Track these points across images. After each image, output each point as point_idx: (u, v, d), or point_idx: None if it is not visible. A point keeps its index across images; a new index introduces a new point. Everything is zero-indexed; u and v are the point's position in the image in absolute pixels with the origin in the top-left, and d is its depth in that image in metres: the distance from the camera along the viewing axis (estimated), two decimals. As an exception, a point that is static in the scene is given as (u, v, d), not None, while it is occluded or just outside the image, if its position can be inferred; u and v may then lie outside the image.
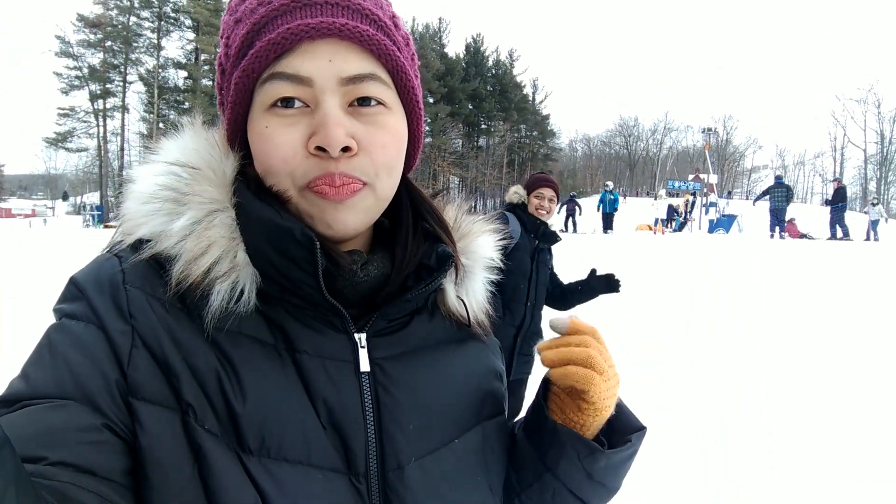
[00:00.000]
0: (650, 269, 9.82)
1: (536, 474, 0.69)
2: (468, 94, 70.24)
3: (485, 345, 0.77)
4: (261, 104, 0.59)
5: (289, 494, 0.54)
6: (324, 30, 0.57)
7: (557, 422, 0.67)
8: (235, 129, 0.63)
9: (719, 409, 4.18)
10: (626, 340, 5.54)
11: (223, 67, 0.63)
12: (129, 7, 50.14)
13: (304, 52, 0.57)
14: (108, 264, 0.59)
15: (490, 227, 0.80)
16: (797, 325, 6.31)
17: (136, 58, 51.25)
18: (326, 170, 0.58)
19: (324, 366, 0.60)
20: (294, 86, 0.58)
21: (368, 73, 0.59)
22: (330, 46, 0.58)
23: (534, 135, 78.55)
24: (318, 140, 0.57)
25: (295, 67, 0.57)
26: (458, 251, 0.73)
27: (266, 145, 0.59)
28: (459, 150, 68.13)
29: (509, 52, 77.42)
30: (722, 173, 75.22)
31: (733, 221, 24.42)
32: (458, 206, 0.79)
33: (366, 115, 0.60)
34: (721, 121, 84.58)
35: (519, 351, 3.11)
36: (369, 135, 0.60)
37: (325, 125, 0.57)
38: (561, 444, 0.66)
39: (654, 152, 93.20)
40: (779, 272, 9.25)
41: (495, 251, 0.79)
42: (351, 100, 0.59)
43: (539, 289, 3.19)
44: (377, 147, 0.60)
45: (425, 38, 67.85)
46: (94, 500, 0.46)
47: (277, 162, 0.59)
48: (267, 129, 0.59)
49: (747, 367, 5.10)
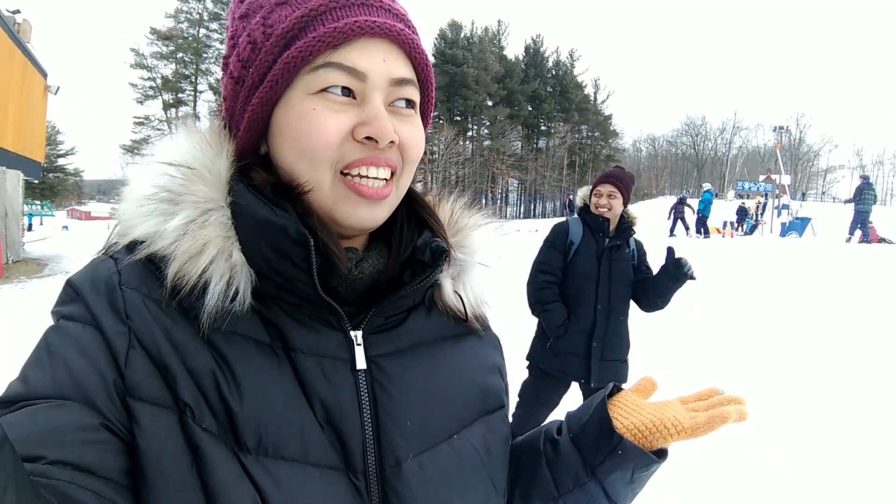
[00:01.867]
0: (722, 274, 9.70)
1: (579, 482, 0.71)
2: (528, 95, 69.74)
3: (483, 340, 0.78)
4: (306, 88, 0.60)
5: (287, 492, 0.54)
6: (385, 30, 0.60)
7: (624, 436, 0.68)
8: (261, 111, 0.63)
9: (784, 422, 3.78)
10: (696, 347, 5.51)
11: (255, 45, 0.62)
12: (198, 20, 52.77)
13: (362, 48, 0.59)
14: (103, 266, 0.60)
15: (487, 220, 0.80)
16: (880, 338, 6.06)
17: (205, 68, 53.90)
18: (372, 154, 0.61)
19: (320, 364, 0.60)
20: (349, 77, 0.59)
21: (410, 79, 0.63)
22: (384, 47, 0.61)
23: (595, 135, 77.05)
24: (370, 131, 0.59)
25: (353, 60, 0.59)
26: (453, 245, 0.74)
27: (311, 125, 0.59)
28: (519, 152, 67.82)
29: (569, 52, 76.36)
30: (795, 174, 71.64)
31: (807, 225, 23.28)
32: (454, 201, 0.79)
33: (402, 116, 0.63)
34: (794, 119, 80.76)
35: (601, 357, 2.92)
36: (406, 133, 0.63)
37: (378, 118, 0.59)
38: (624, 458, 0.67)
39: (722, 152, 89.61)
40: (859, 280, 8.93)
41: (494, 244, 0.79)
42: (392, 100, 0.63)
43: (613, 290, 2.98)
44: (412, 145, 0.64)
45: (484, 42, 67.88)
46: (93, 498, 0.47)
47: (321, 143, 0.59)
48: (314, 111, 0.59)
49: (826, 383, 4.71)
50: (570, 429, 0.74)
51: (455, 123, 62.16)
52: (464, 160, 62.30)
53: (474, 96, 62.78)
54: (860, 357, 5.37)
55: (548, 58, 74.94)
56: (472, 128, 67.53)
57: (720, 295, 7.85)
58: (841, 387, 4.64)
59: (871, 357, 5.36)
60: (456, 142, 58.75)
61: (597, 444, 0.69)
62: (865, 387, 4.62)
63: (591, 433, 0.70)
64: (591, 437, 0.70)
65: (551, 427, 0.77)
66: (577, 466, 0.70)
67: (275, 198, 0.60)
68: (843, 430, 3.82)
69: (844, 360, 5.31)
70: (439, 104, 43.07)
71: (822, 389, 4.58)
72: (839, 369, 5.06)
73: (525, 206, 73.50)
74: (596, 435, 0.70)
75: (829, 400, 4.35)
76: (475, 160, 64.02)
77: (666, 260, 2.92)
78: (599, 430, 0.69)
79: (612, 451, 0.67)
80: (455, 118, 64.08)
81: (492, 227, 0.80)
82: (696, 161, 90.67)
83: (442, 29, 65.86)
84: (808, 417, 3.99)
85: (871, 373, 4.94)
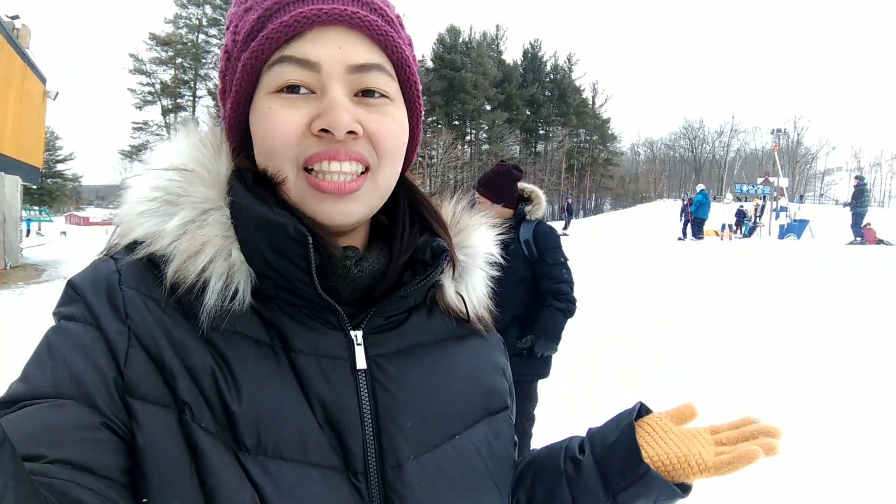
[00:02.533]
0: (723, 277, 9.70)
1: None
2: (526, 99, 69.89)
3: (486, 340, 0.77)
4: (266, 87, 0.60)
5: (286, 493, 0.54)
6: (335, 16, 0.58)
7: (651, 466, 0.66)
8: (237, 116, 0.63)
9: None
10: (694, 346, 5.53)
11: (229, 54, 0.64)
12: (198, 25, 52.85)
13: (315, 38, 0.58)
14: (104, 266, 0.60)
15: (487, 221, 0.80)
16: (877, 339, 6.02)
17: (204, 73, 53.89)
18: (331, 146, 0.59)
19: (319, 364, 0.60)
20: (302, 70, 0.58)
21: (375, 63, 0.60)
22: (340, 34, 0.59)
23: (593, 139, 77.23)
24: (324, 123, 0.58)
25: (304, 52, 0.58)
26: (455, 245, 0.73)
27: (268, 124, 0.59)
28: (517, 156, 67.90)
29: (567, 57, 76.68)
30: (793, 176, 71.68)
31: (805, 227, 23.32)
32: (456, 202, 0.79)
33: (371, 105, 0.61)
34: (791, 121, 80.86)
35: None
36: (374, 122, 0.61)
37: (332, 108, 0.58)
38: (649, 489, 0.65)
39: (720, 155, 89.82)
40: (857, 281, 8.94)
41: (493, 246, 0.79)
42: (357, 89, 0.60)
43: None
44: (383, 134, 0.61)
45: (482, 46, 68.04)
46: (93, 497, 0.47)
47: (279, 142, 0.59)
48: (270, 109, 0.59)
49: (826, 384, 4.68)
50: (594, 449, 0.71)
51: (453, 128, 62.23)
52: (462, 164, 62.27)
53: (473, 101, 62.90)
54: (858, 358, 5.37)
55: (546, 62, 75.19)
56: (471, 132, 67.64)
57: (717, 297, 7.85)
58: (839, 389, 4.64)
59: (868, 359, 5.36)
60: (454, 146, 58.76)
61: (623, 472, 0.67)
62: (864, 389, 4.62)
63: (618, 458, 0.68)
64: (617, 463, 0.68)
65: (572, 444, 0.74)
66: (598, 490, 0.68)
67: (259, 190, 0.60)
68: (843, 432, 3.82)
69: (843, 361, 5.31)
70: (437, 108, 42.69)
71: (820, 392, 4.58)
72: (837, 371, 5.06)
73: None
74: (623, 461, 0.67)
75: (828, 402, 4.35)
76: (474, 164, 64.07)
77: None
78: (627, 457, 0.67)
79: (637, 479, 0.65)
80: (453, 122, 64.20)
81: (492, 229, 0.80)
82: (695, 164, 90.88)
83: (440, 34, 65.98)
84: (806, 419, 3.99)
85: (870, 375, 4.94)
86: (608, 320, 6.85)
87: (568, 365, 4.57)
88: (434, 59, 62.66)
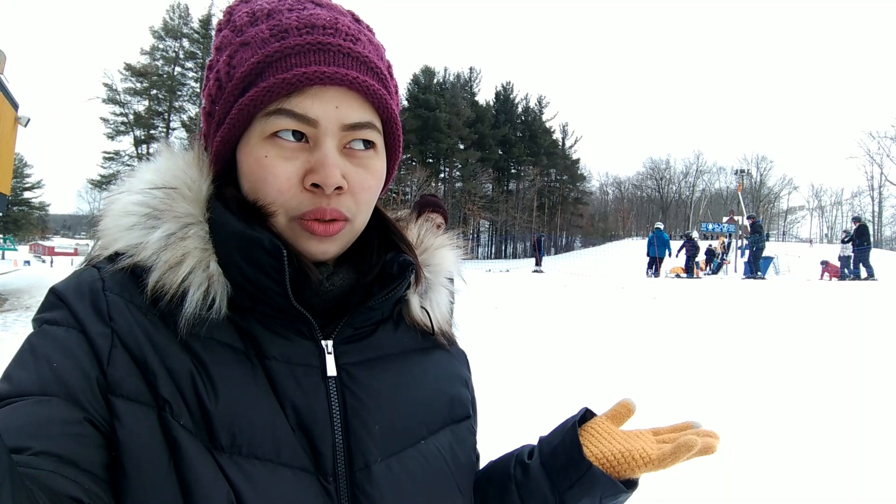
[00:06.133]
0: (691, 317, 9.82)
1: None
2: (498, 139, 71.23)
3: (451, 354, 0.80)
4: (261, 132, 0.62)
5: (260, 491, 0.55)
6: (337, 80, 0.61)
7: (594, 464, 0.68)
8: (225, 146, 0.65)
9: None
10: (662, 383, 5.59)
11: (221, 83, 0.65)
12: (174, 58, 52.94)
13: (314, 96, 0.61)
14: (87, 274, 0.62)
15: (450, 242, 0.83)
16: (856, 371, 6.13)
17: (179, 105, 53.72)
18: (318, 205, 0.62)
19: (292, 371, 0.62)
20: (299, 123, 0.61)
21: (367, 122, 0.64)
22: (338, 94, 0.62)
23: (563, 179, 78.80)
24: (317, 178, 0.61)
25: (304, 108, 0.61)
26: (420, 262, 0.77)
27: (264, 173, 0.62)
28: (490, 194, 68.79)
29: (538, 99, 78.62)
30: (757, 215, 73.93)
31: (770, 264, 24.06)
32: (420, 224, 0.82)
33: (358, 158, 0.65)
34: (754, 162, 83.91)
35: None
36: (359, 177, 0.64)
37: (324, 165, 0.61)
38: (592, 485, 0.67)
39: (686, 195, 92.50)
40: (821, 315, 9.10)
41: (455, 265, 0.82)
42: (347, 143, 0.64)
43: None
44: (363, 189, 0.65)
45: (456, 87, 69.55)
46: (78, 490, 0.47)
47: (273, 192, 0.62)
48: (266, 158, 0.62)
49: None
50: (542, 453, 0.74)
51: (428, 165, 62.92)
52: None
53: (446, 139, 63.87)
54: (837, 390, 5.43)
55: (517, 104, 76.98)
56: (445, 170, 68.45)
57: (691, 337, 7.90)
58: (819, 419, 4.66)
59: (847, 391, 5.42)
60: (428, 183, 59.32)
61: (566, 470, 0.69)
62: (844, 420, 4.65)
63: (561, 458, 0.71)
64: (560, 462, 0.71)
65: (523, 451, 0.78)
66: (546, 491, 0.70)
67: (242, 214, 0.62)
68: (823, 462, 3.82)
69: (821, 391, 5.36)
70: (411, 146, 43.04)
71: (798, 419, 4.60)
72: (816, 400, 5.10)
73: (496, 247, 74.11)
74: (565, 460, 0.70)
75: (806, 428, 4.36)
76: (447, 201, 64.59)
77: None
78: (569, 456, 0.70)
79: (580, 477, 0.68)
80: (428, 160, 64.91)
81: (456, 247, 0.83)
82: (661, 203, 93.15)
83: (415, 74, 67.41)
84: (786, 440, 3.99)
85: (849, 407, 4.99)
86: (582, 354, 6.83)
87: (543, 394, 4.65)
88: (409, 98, 63.68)
